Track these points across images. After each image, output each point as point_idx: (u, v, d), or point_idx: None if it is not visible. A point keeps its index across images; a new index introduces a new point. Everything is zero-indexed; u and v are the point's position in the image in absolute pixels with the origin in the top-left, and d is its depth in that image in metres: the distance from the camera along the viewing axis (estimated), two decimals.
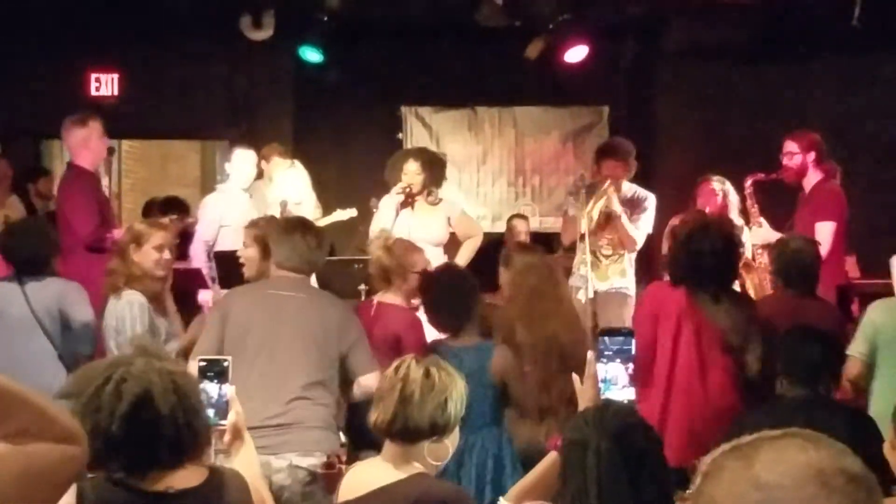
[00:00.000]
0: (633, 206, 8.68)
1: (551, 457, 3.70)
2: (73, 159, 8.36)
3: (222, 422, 3.63)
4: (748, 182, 8.61)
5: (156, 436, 3.11)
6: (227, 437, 3.65)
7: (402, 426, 3.82)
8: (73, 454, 2.34)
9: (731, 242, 6.08)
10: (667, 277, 6.18)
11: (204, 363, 3.74)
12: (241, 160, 9.42)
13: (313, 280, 6.54)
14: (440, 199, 8.86)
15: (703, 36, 11.43)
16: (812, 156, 8.21)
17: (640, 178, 9.28)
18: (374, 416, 3.90)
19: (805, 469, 1.69)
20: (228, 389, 3.67)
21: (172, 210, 9.88)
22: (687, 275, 5.89)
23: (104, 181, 8.82)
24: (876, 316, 6.25)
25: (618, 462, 3.13)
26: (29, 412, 2.28)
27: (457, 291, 6.15)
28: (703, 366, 5.73)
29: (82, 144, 8.24)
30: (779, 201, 8.65)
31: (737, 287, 6.95)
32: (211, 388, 3.66)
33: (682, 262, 5.94)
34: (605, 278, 8.67)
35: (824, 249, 7.77)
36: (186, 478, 3.20)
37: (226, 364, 3.73)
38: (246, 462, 3.60)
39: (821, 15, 10.66)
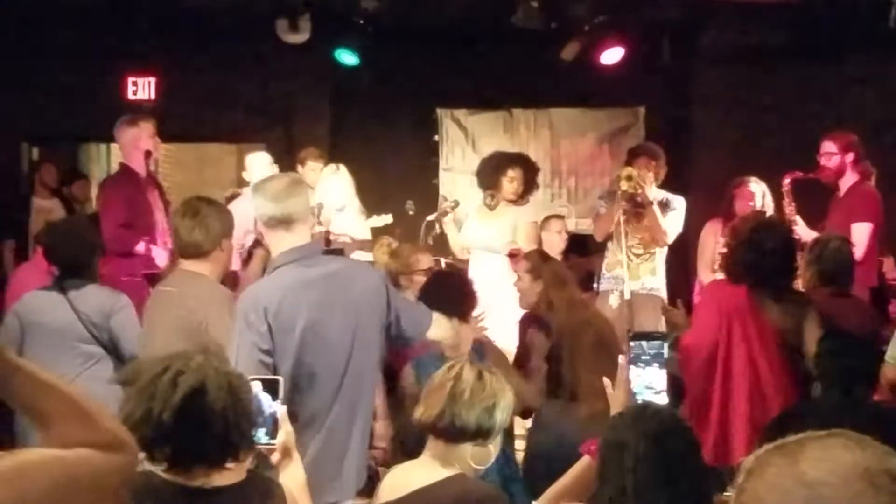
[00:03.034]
0: (661, 207, 8.66)
1: (584, 461, 3.70)
2: (124, 159, 8.42)
3: (272, 441, 3.61)
4: (786, 180, 8.58)
5: (205, 430, 3.14)
6: (276, 457, 3.64)
7: (449, 423, 3.83)
8: (119, 464, 2.28)
9: (791, 241, 6.09)
10: (705, 276, 6.18)
11: (255, 382, 3.73)
12: (257, 163, 9.53)
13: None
14: (497, 203, 8.86)
15: (739, 37, 11.39)
16: (850, 156, 8.19)
17: (676, 179, 9.26)
18: (420, 412, 3.92)
19: (852, 467, 1.70)
20: (279, 408, 3.65)
21: None
22: (748, 273, 5.89)
23: None
24: None
25: (656, 464, 3.13)
26: (78, 416, 2.25)
27: (448, 292, 5.98)
28: (763, 366, 5.71)
29: (132, 145, 8.28)
30: (812, 202, 8.62)
31: None
32: (262, 407, 3.61)
33: (744, 259, 5.93)
34: (637, 277, 8.68)
35: (860, 250, 7.77)
36: (225, 476, 3.23)
37: (277, 383, 3.71)
38: (293, 481, 3.61)
39: (857, 17, 10.60)
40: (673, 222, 8.67)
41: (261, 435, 3.57)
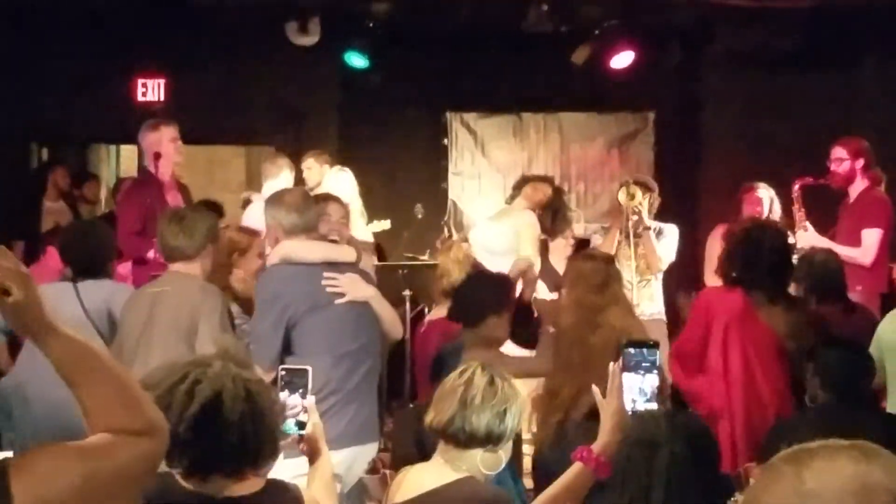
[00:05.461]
0: (655, 235, 8.66)
1: (576, 467, 3.68)
2: (146, 163, 8.44)
3: (301, 431, 3.67)
4: (796, 185, 8.57)
5: (221, 441, 3.12)
6: (303, 447, 3.70)
7: (459, 428, 3.82)
8: (148, 450, 2.23)
9: (787, 244, 6.07)
10: (713, 282, 6.15)
11: (284, 372, 3.77)
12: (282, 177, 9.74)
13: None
14: (513, 200, 8.90)
15: (749, 42, 11.35)
16: (860, 162, 8.17)
17: (685, 185, 9.24)
18: (431, 417, 3.91)
19: (850, 481, 1.66)
20: (309, 399, 3.70)
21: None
22: (743, 274, 5.87)
23: None
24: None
25: (691, 466, 3.13)
26: (122, 400, 2.19)
27: (473, 289, 6.14)
28: (759, 371, 5.70)
29: (153, 149, 8.29)
30: (823, 207, 8.61)
31: None
32: (291, 398, 3.69)
33: (739, 260, 5.91)
34: (636, 304, 8.67)
35: (869, 256, 7.78)
36: (244, 486, 3.20)
37: (307, 374, 3.75)
38: (320, 472, 3.66)
39: (869, 21, 10.58)
40: (666, 249, 8.66)
41: (290, 425, 3.66)
